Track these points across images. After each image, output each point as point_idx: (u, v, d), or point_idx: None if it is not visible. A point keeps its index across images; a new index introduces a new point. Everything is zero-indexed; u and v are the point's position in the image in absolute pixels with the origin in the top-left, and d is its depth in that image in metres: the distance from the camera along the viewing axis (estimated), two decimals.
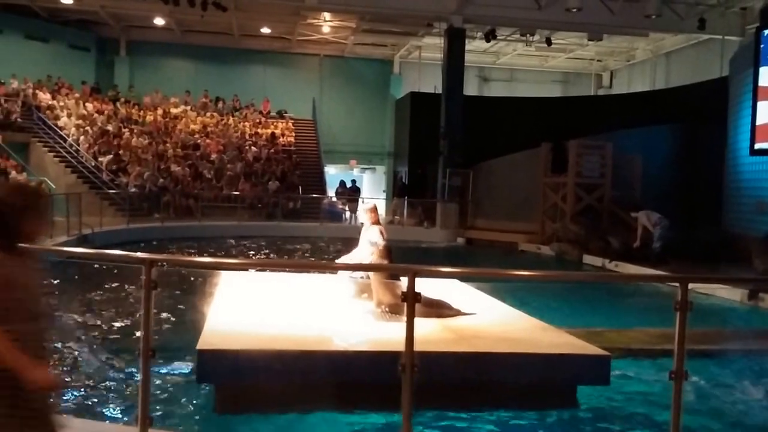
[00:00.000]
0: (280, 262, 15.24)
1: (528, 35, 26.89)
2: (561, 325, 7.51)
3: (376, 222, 7.74)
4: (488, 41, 26.48)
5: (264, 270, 9.07)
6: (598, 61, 33.89)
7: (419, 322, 3.69)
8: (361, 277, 7.57)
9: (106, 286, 11.47)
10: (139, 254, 3.92)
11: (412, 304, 3.56)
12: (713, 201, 19.28)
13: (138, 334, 4.85)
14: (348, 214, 25.44)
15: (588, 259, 17.40)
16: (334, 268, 7.73)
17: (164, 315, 8.85)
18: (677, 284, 3.69)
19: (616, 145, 19.97)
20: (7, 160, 20.73)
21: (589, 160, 19.90)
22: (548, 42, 26.83)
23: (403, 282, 3.74)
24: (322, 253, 18.56)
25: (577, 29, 25.86)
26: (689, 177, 20.92)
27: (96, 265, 12.29)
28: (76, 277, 12.14)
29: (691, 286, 3.68)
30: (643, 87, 30.76)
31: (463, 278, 8.96)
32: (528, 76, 34.50)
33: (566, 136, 20.63)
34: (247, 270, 9.04)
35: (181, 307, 9.41)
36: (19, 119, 23.78)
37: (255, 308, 7.11)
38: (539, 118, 26.03)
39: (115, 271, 11.89)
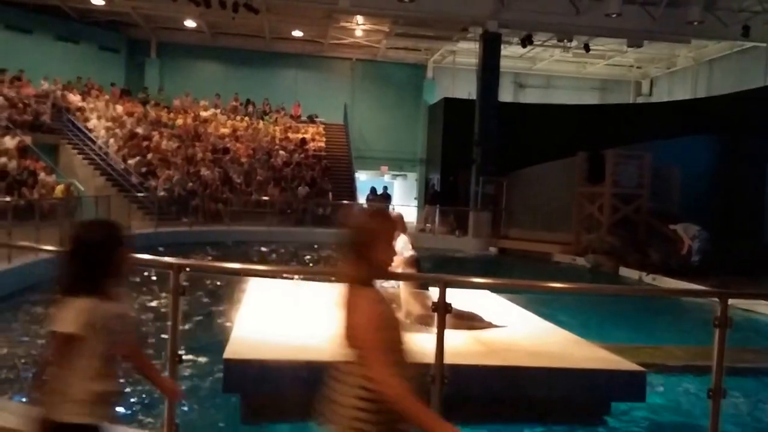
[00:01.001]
0: (309, 270, 14.91)
1: (566, 41, 26.40)
2: (596, 339, 7.31)
3: (404, 231, 7.64)
4: (524, 47, 26.05)
5: (293, 278, 8.88)
6: (637, 68, 33.29)
7: (449, 334, 3.64)
8: (392, 287, 7.47)
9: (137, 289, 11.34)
10: (167, 259, 4.11)
11: (442, 315, 3.51)
12: (755, 214, 18.71)
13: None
14: None
15: (624, 271, 17.02)
16: None
17: (196, 319, 8.76)
18: (717, 299, 3.64)
19: (655, 154, 19.48)
20: (37, 162, 20.73)
21: (627, 170, 19.47)
22: (586, 48, 26.29)
23: (433, 292, 3.61)
24: None
25: (616, 35, 25.30)
26: (730, 189, 20.28)
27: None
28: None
29: (731, 301, 3.64)
30: (684, 95, 30.03)
31: (495, 289, 8.75)
32: (565, 82, 34.00)
33: (603, 144, 20.18)
34: (275, 277, 8.87)
35: (210, 311, 9.29)
36: (48, 121, 23.72)
37: (283, 317, 6.99)
38: (576, 125, 25.48)
39: (146, 274, 11.78)
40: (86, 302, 2.56)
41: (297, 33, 29.88)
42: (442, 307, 3.54)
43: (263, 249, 19.60)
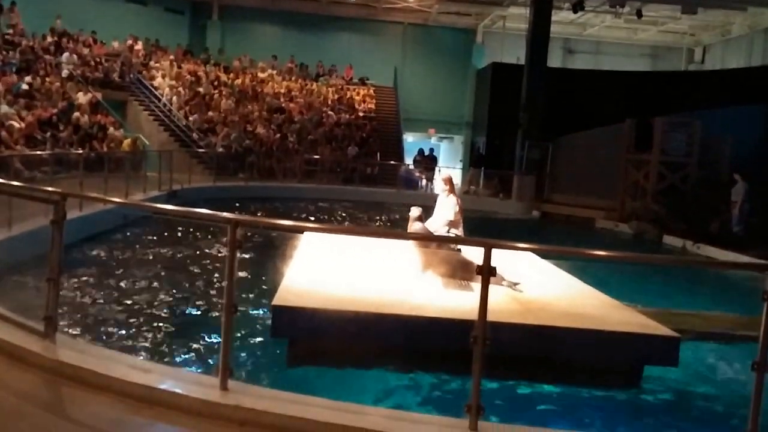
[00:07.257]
0: (356, 229, 15.49)
1: (618, 6, 26.05)
2: (636, 303, 7.35)
3: (452, 192, 8.12)
4: (576, 12, 25.83)
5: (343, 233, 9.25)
6: (690, 35, 32.59)
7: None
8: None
9: (195, 242, 12.12)
10: (225, 214, 3.94)
11: (487, 278, 3.57)
12: None
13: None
14: (424, 182, 25.58)
15: (668, 239, 16.89)
16: (409, 238, 7.93)
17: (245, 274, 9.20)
18: (764, 273, 3.51)
19: (706, 124, 19.09)
20: (107, 117, 21.76)
21: (675, 138, 19.21)
22: (639, 14, 25.95)
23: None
24: (396, 219, 18.62)
25: (670, 1, 24.94)
26: None
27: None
28: (166, 232, 12.84)
29: None
30: (737, 64, 29.37)
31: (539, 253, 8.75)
32: (615, 49, 33.53)
33: (652, 112, 19.99)
34: (325, 233, 9.21)
35: (262, 266, 9.69)
36: (117, 78, 24.82)
37: (331, 270, 7.28)
38: (625, 92, 25.35)
39: (209, 229, 12.46)
40: None
41: None
42: (487, 270, 3.52)
43: (313, 206, 20.30)
